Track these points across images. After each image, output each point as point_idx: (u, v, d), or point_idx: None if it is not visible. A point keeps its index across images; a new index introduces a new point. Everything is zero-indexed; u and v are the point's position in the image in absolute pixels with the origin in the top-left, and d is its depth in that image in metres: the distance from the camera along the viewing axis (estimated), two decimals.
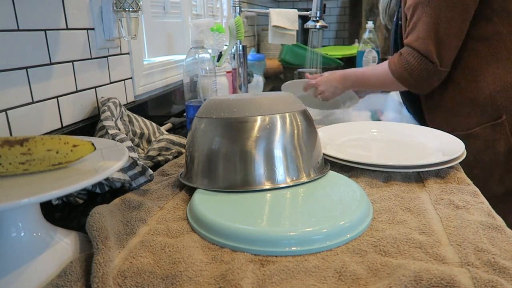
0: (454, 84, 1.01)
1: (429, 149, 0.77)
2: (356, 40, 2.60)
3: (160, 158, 0.80)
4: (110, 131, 0.69)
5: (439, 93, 1.04)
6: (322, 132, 0.86)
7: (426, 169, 0.65)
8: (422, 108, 1.12)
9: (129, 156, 0.62)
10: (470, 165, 0.95)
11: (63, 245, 0.47)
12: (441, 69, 0.97)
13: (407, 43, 1.00)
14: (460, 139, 0.75)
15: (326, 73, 1.22)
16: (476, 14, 0.95)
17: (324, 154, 0.70)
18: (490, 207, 0.55)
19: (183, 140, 0.86)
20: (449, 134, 0.80)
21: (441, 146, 0.76)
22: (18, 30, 0.64)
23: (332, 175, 0.64)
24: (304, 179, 0.61)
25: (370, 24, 1.87)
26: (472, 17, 0.95)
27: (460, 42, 0.96)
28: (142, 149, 0.85)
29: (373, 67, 1.13)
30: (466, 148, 0.72)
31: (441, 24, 0.94)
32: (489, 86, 0.95)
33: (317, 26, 1.29)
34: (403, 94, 1.21)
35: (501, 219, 0.52)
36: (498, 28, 0.94)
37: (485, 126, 0.96)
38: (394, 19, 1.15)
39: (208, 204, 0.55)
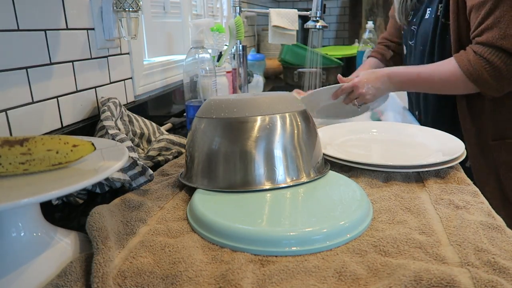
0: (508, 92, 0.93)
1: (429, 149, 0.77)
2: (356, 40, 2.60)
3: (160, 158, 0.80)
4: (110, 131, 0.69)
5: (497, 99, 0.96)
6: (322, 132, 0.86)
7: (426, 169, 0.65)
8: (452, 119, 1.03)
9: (129, 156, 0.62)
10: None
11: (63, 245, 0.47)
12: None
13: (488, 42, 0.88)
14: (508, 147, 0.70)
15: (363, 73, 1.04)
16: None
17: (324, 154, 0.70)
18: (490, 207, 0.55)
19: (183, 140, 0.86)
20: (449, 134, 0.80)
21: (441, 146, 0.76)
22: (18, 30, 0.64)
23: (332, 175, 0.64)
24: (304, 179, 0.61)
25: (370, 24, 1.87)
26: None
27: None
28: (142, 149, 0.85)
29: (432, 66, 0.98)
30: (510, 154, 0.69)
31: None
32: None
33: (317, 26, 1.29)
34: (425, 98, 1.12)
35: (501, 219, 0.52)
36: None
37: None
38: (433, 15, 1.03)
39: (208, 204, 0.55)
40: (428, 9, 1.06)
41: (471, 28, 0.93)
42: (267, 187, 0.58)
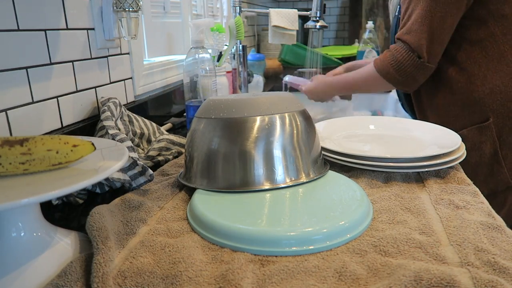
0: (445, 85, 1.00)
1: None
2: (356, 40, 2.60)
3: (160, 158, 0.80)
4: (110, 131, 0.69)
5: (430, 94, 1.04)
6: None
7: (426, 169, 0.65)
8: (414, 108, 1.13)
9: (129, 156, 0.62)
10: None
11: (63, 245, 0.47)
12: (428, 65, 0.95)
13: (398, 36, 0.97)
14: (474, 132, 0.74)
15: (314, 80, 1.23)
16: (471, 16, 0.94)
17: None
18: (490, 207, 0.55)
19: (183, 140, 0.86)
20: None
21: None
22: (18, 30, 0.64)
23: (332, 175, 0.64)
24: (304, 179, 0.61)
25: (370, 24, 1.87)
26: (467, 19, 0.94)
27: (449, 38, 0.95)
28: (142, 149, 0.85)
29: (357, 70, 1.11)
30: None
31: (435, 18, 0.92)
32: (478, 88, 0.95)
33: (317, 26, 1.29)
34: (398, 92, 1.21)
35: (501, 219, 0.52)
36: (492, 30, 0.94)
37: (472, 128, 0.96)
38: (395, 14, 1.13)
39: (208, 204, 0.55)
40: (398, 6, 1.12)
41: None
42: (267, 187, 0.58)
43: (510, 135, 0.94)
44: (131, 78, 1.00)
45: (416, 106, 1.11)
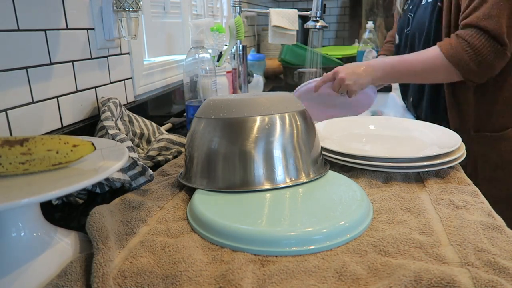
0: (492, 82, 0.94)
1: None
2: (356, 40, 2.60)
3: (160, 158, 0.80)
4: (110, 131, 0.69)
5: (498, 87, 0.95)
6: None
7: (426, 169, 0.65)
8: (445, 106, 1.04)
9: (129, 156, 0.62)
10: (496, 166, 0.93)
11: (63, 245, 0.47)
12: (507, 53, 0.87)
13: (472, 23, 0.87)
14: (487, 140, 0.71)
15: (343, 66, 1.02)
16: None
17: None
18: (490, 207, 0.55)
19: (183, 140, 0.86)
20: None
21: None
22: (18, 30, 0.64)
23: (331, 175, 0.64)
24: (303, 179, 0.61)
25: (370, 24, 1.87)
26: None
27: None
28: (142, 149, 0.85)
29: (415, 53, 0.97)
30: (493, 148, 0.68)
31: None
32: None
33: (317, 26, 1.29)
34: (415, 90, 1.13)
35: (501, 219, 0.52)
36: None
37: None
38: (425, 1, 1.03)
39: (208, 204, 0.55)
40: None
41: (461, 12, 0.92)
42: (267, 187, 0.58)
43: None
44: (131, 78, 1.00)
45: (451, 104, 1.01)
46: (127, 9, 0.83)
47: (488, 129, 0.97)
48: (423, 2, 1.06)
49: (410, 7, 1.12)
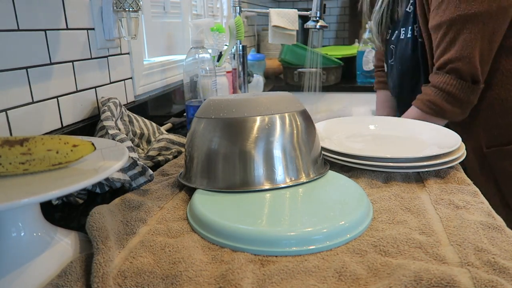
0: (493, 95, 0.94)
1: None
2: (356, 40, 2.60)
3: (160, 158, 0.80)
4: (110, 131, 0.69)
5: (474, 107, 0.95)
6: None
7: (426, 169, 0.65)
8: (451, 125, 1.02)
9: (129, 156, 0.62)
10: (510, 177, 0.92)
11: (63, 245, 0.47)
12: (481, 87, 0.90)
13: (443, 66, 0.90)
14: (497, 154, 0.69)
15: None
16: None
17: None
18: (490, 207, 0.55)
19: (183, 140, 0.86)
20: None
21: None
22: (18, 30, 0.64)
23: (331, 175, 0.64)
24: (304, 179, 0.61)
25: (370, 24, 1.87)
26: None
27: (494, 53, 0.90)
28: (142, 149, 0.85)
29: (401, 118, 0.98)
30: (506, 160, 0.68)
31: (485, 39, 0.86)
32: None
33: (317, 26, 1.29)
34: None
35: (501, 219, 0.52)
36: None
37: None
38: (411, 34, 1.03)
39: (208, 204, 0.55)
40: (402, 30, 1.05)
41: (434, 51, 0.94)
42: (267, 187, 0.58)
43: None
44: (131, 78, 1.00)
45: (458, 122, 1.00)
46: (127, 9, 0.83)
47: (504, 143, 0.95)
48: (402, 37, 1.06)
49: (392, 38, 1.10)
